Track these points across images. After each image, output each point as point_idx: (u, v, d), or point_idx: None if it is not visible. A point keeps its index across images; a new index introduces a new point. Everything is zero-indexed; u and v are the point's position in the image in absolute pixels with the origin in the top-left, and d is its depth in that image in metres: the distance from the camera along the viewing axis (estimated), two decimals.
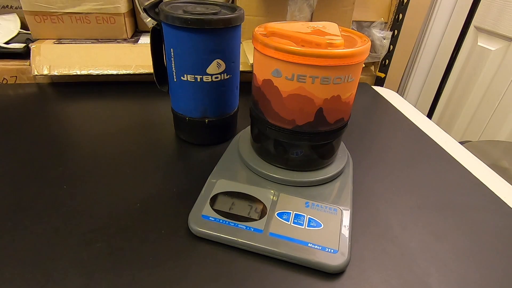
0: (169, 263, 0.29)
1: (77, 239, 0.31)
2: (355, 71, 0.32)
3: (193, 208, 0.33)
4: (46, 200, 0.35)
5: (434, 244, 0.33)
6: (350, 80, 0.31)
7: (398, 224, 0.35)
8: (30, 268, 0.28)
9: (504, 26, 1.13)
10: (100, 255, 0.29)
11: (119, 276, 0.28)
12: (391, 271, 0.30)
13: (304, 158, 0.37)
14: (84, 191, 0.37)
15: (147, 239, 0.31)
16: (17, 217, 0.33)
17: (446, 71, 1.20)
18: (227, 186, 0.35)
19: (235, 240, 0.30)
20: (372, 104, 0.65)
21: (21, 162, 0.40)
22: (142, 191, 0.37)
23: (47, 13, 0.61)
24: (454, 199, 0.39)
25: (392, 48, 0.75)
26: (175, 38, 0.38)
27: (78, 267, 0.28)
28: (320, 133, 0.34)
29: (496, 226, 0.36)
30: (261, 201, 0.34)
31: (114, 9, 0.62)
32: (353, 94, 0.34)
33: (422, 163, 0.46)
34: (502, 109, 1.17)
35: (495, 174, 0.46)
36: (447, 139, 0.54)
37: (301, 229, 0.31)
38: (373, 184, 0.40)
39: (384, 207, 0.37)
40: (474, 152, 0.51)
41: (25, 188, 0.36)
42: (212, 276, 0.28)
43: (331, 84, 0.30)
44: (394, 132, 0.54)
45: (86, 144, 0.45)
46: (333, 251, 0.30)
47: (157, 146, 0.46)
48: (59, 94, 0.59)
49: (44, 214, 0.33)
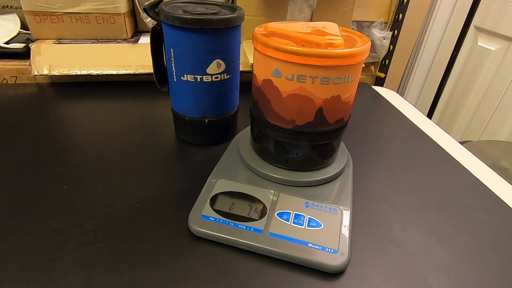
0: (169, 263, 0.29)
1: (77, 239, 0.31)
2: (355, 71, 0.32)
3: (193, 208, 0.33)
4: (46, 200, 0.35)
5: (434, 244, 0.33)
6: (350, 80, 0.31)
7: (398, 224, 0.35)
8: (30, 268, 0.28)
9: (504, 26, 1.13)
10: (100, 255, 0.29)
11: (119, 276, 0.28)
12: (391, 271, 0.30)
13: (304, 158, 0.36)
14: (84, 191, 0.37)
15: (147, 239, 0.31)
16: (17, 217, 0.33)
17: (446, 71, 1.20)
18: (227, 186, 0.35)
19: (235, 240, 0.30)
20: (372, 104, 0.65)
21: (21, 162, 0.40)
22: (142, 191, 0.37)
23: (47, 13, 0.61)
24: (454, 199, 0.39)
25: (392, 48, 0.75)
26: (175, 38, 0.38)
27: (78, 267, 0.28)
28: (320, 133, 0.34)
29: (496, 226, 0.36)
30: (261, 201, 0.34)
31: (114, 9, 0.63)
32: (353, 94, 0.34)
33: (422, 163, 0.46)
34: (502, 109, 1.17)
35: (495, 174, 0.46)
36: (447, 139, 0.54)
37: (301, 229, 0.31)
38: (373, 184, 0.40)
39: (384, 207, 0.37)
40: (474, 152, 0.51)
41: (25, 188, 0.36)
42: (212, 276, 0.28)
43: (331, 84, 0.30)
44: (394, 132, 0.54)
45: (86, 144, 0.45)
46: (333, 251, 0.30)
47: (157, 146, 0.46)
48: (59, 94, 0.59)
49: (44, 214, 0.33)
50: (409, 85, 1.52)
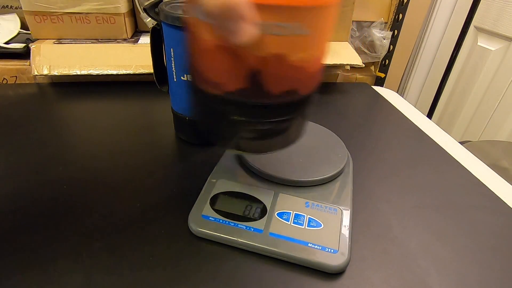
0: (169, 263, 0.29)
1: (77, 239, 0.31)
2: (313, 19, 0.21)
3: (193, 208, 0.33)
4: (46, 200, 0.35)
5: (434, 244, 0.33)
6: (301, 32, 0.21)
7: (398, 224, 0.35)
8: (30, 268, 0.28)
9: (504, 26, 1.13)
10: (100, 255, 0.29)
11: (119, 276, 0.28)
12: (391, 271, 0.30)
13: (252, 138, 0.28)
14: (84, 191, 0.37)
15: (147, 239, 0.31)
16: (16, 217, 0.33)
17: (446, 71, 1.20)
18: (227, 186, 0.35)
19: (235, 240, 0.30)
20: (372, 104, 0.65)
21: (20, 162, 0.40)
22: (142, 191, 0.37)
23: (47, 13, 0.61)
24: (454, 199, 0.39)
25: (392, 48, 0.76)
26: (175, 38, 0.38)
27: (78, 267, 0.28)
28: (258, 107, 0.25)
29: (496, 226, 0.36)
30: (261, 201, 0.34)
31: (114, 9, 0.62)
32: (314, 56, 0.24)
33: (422, 163, 0.46)
34: (502, 109, 1.17)
35: (495, 174, 0.46)
36: (447, 139, 0.54)
37: (301, 229, 0.31)
38: (373, 184, 0.40)
39: (384, 207, 0.37)
40: (474, 152, 0.51)
41: (25, 188, 0.36)
42: (212, 276, 0.28)
43: (268, 35, 0.20)
44: (394, 132, 0.54)
45: (86, 144, 0.45)
46: (333, 251, 0.30)
47: (157, 146, 0.46)
48: (59, 94, 0.59)
49: (43, 214, 0.33)
50: (409, 85, 1.52)
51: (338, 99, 0.64)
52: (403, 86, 1.55)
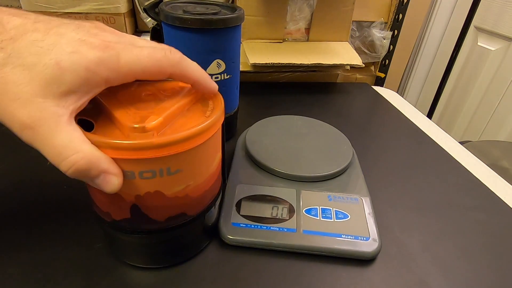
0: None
1: (77, 239, 0.31)
2: (183, 161, 0.22)
3: (221, 218, 0.32)
4: (46, 200, 0.35)
5: (434, 244, 0.33)
6: (172, 173, 0.22)
7: (398, 225, 0.35)
8: (30, 268, 0.28)
9: (504, 26, 1.13)
10: (100, 255, 0.29)
11: (119, 276, 0.28)
12: (391, 271, 0.30)
13: (151, 253, 0.28)
14: (84, 191, 0.37)
15: None
16: (16, 217, 0.33)
17: (446, 71, 1.20)
18: (247, 191, 0.35)
19: (271, 243, 0.30)
20: (372, 104, 0.65)
21: (20, 162, 0.40)
22: None
23: (47, 13, 0.61)
24: (454, 199, 0.39)
25: (392, 48, 0.76)
26: (175, 38, 0.38)
27: (78, 267, 0.28)
28: (147, 232, 0.25)
29: (496, 226, 0.36)
30: (286, 201, 0.34)
31: (114, 9, 0.63)
32: (195, 184, 0.24)
33: (422, 163, 0.46)
34: (502, 109, 1.17)
35: (495, 174, 0.46)
36: (447, 139, 0.54)
37: (331, 222, 0.32)
38: (373, 183, 0.40)
39: (384, 207, 0.37)
40: (474, 152, 0.51)
41: (25, 188, 0.36)
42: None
43: (137, 179, 0.21)
44: (394, 132, 0.54)
45: None
46: (365, 238, 0.30)
47: None
48: None
49: (43, 214, 0.33)
50: (409, 85, 1.52)
51: (338, 99, 0.64)
52: (403, 86, 1.55)
